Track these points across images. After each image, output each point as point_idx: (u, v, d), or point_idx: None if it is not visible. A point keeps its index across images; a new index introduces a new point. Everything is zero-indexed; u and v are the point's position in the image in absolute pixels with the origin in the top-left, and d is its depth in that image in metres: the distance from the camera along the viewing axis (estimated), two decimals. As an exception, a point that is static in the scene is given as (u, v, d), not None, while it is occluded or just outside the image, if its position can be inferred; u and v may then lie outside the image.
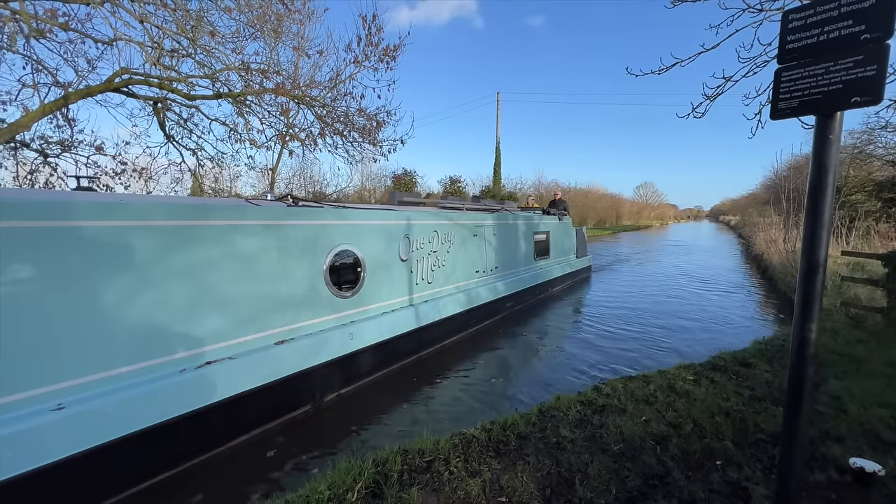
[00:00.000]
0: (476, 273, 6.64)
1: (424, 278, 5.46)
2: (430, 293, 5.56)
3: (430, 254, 5.55)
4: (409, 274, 5.20)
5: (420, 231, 5.40)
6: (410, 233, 5.21)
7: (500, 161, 26.74)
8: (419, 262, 5.36)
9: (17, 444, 2.26)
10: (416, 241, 5.31)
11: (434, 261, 5.64)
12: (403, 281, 5.10)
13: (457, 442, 2.85)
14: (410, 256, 5.20)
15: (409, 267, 5.17)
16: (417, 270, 5.33)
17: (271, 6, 6.67)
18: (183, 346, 3.04)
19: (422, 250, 5.41)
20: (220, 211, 3.33)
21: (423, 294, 5.43)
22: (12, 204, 2.38)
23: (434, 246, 5.64)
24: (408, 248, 5.15)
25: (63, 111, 7.00)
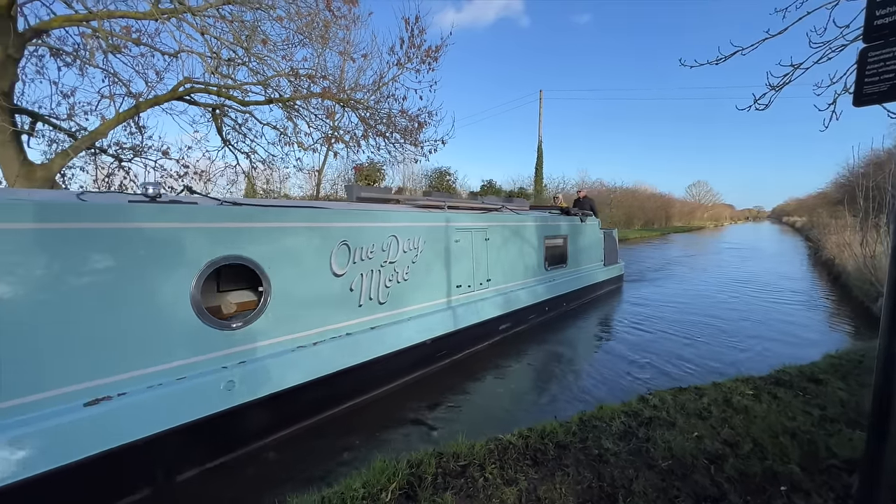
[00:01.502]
0: (457, 289, 5.37)
1: (374, 298, 4.29)
2: (381, 318, 4.34)
3: (383, 266, 4.37)
4: (348, 294, 4.04)
5: (369, 236, 4.24)
6: (352, 239, 4.07)
7: (543, 160, 26.25)
8: (365, 278, 4.19)
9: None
10: (362, 250, 4.16)
11: (390, 274, 4.45)
12: (336, 303, 3.94)
13: (492, 448, 2.79)
14: (350, 270, 4.05)
15: (346, 284, 4.02)
16: (361, 288, 4.16)
17: (319, 14, 6.90)
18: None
19: (370, 261, 4.24)
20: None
21: (369, 319, 4.22)
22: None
23: (391, 255, 4.45)
24: (346, 258, 4.01)
25: (135, 119, 7.64)
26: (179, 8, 5.62)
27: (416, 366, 4.75)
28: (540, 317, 7.15)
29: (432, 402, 4.22)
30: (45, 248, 2.48)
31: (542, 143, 26.00)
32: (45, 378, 2.46)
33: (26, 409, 2.38)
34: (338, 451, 3.35)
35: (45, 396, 2.45)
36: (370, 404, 4.12)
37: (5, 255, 2.36)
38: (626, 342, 6.07)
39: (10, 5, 5.30)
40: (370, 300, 4.27)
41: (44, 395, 2.45)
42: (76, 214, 2.60)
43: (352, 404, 4.05)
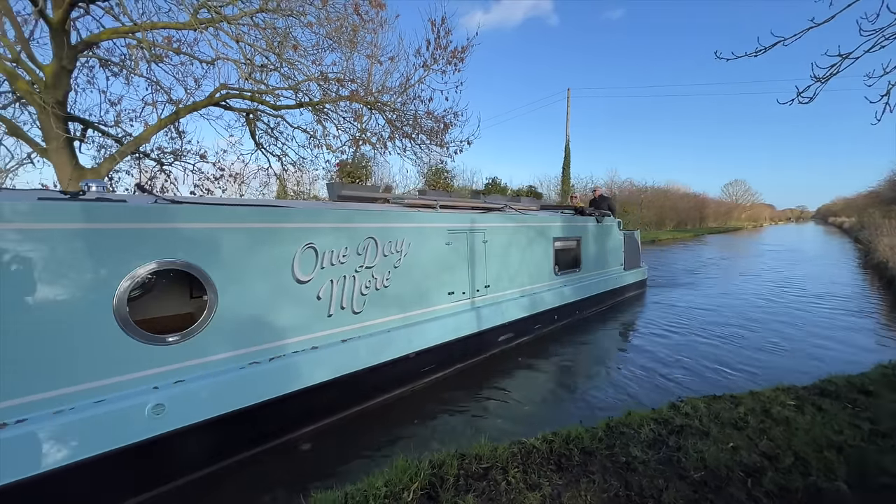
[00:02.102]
0: (449, 296, 4.90)
1: (347, 307, 3.87)
2: (354, 329, 3.93)
3: (358, 271, 3.96)
4: (315, 302, 3.64)
5: (341, 238, 3.84)
6: (320, 241, 3.67)
7: (570, 160, 25.77)
8: (336, 285, 3.78)
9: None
10: (333, 254, 3.76)
11: (366, 281, 4.03)
12: (299, 313, 3.55)
13: (515, 451, 2.76)
14: (318, 276, 3.65)
15: (313, 292, 3.62)
16: (331, 296, 3.76)
17: (347, 18, 7.03)
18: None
19: (342, 266, 3.82)
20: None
21: (340, 331, 3.81)
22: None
23: (368, 259, 4.04)
24: (313, 263, 3.62)
25: (175, 124, 8.03)
26: (216, 17, 5.86)
27: (397, 382, 4.32)
28: (547, 326, 6.59)
29: (410, 428, 3.71)
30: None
31: (570, 142, 25.54)
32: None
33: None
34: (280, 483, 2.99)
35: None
36: (343, 425, 3.74)
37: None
38: (653, 347, 5.86)
39: (63, 20, 5.68)
40: (342, 309, 3.83)
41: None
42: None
43: (318, 426, 3.63)
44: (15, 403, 2.32)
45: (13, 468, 2.23)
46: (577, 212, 8.05)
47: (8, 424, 2.26)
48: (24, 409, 2.34)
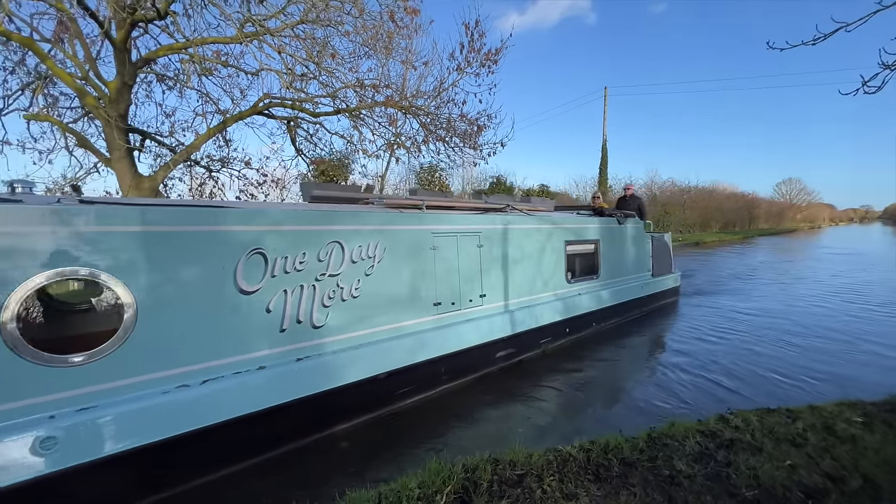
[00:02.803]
0: (435, 307, 4.36)
1: (305, 320, 3.42)
2: (314, 346, 3.46)
3: (320, 280, 3.50)
4: (263, 316, 3.19)
5: (298, 242, 3.40)
6: (271, 246, 3.23)
7: (607, 160, 25.08)
8: (290, 295, 3.33)
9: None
10: (287, 260, 3.31)
11: (330, 291, 3.56)
12: (243, 328, 3.11)
13: (551, 458, 2.69)
14: (267, 286, 3.21)
15: (261, 304, 3.18)
16: (284, 308, 3.30)
17: (383, 26, 7.19)
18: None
19: (298, 274, 3.38)
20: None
21: (295, 348, 3.36)
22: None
23: (332, 266, 3.59)
24: (261, 271, 3.18)
25: (222, 133, 8.50)
26: (260, 30, 6.15)
27: (364, 408, 3.79)
28: (557, 340, 5.90)
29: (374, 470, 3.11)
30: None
31: (607, 142, 24.84)
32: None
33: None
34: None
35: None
36: (298, 457, 3.29)
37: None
38: (695, 355, 5.55)
39: (125, 40, 6.15)
40: (298, 324, 3.37)
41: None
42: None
43: (264, 458, 3.21)
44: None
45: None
46: (595, 213, 7.33)
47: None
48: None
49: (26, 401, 2.36)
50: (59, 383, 2.46)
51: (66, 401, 2.46)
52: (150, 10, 5.96)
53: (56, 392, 2.45)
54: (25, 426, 2.30)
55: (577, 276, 6.45)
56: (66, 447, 2.36)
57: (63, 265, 2.51)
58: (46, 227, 2.47)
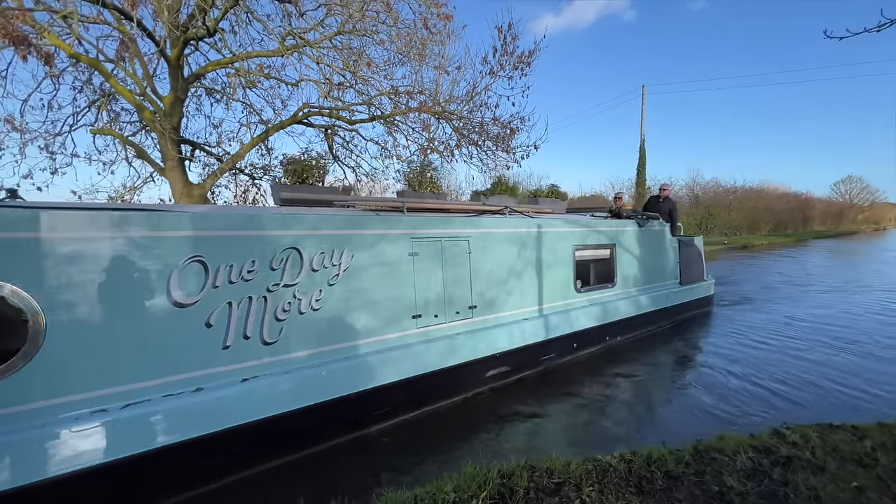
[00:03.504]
0: (415, 320, 3.95)
1: (253, 335, 3.06)
2: (264, 364, 3.10)
3: (272, 291, 3.14)
4: (203, 331, 2.87)
5: (246, 249, 3.04)
6: (212, 253, 2.90)
7: (646, 161, 24.22)
8: (236, 308, 2.98)
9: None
10: (232, 269, 2.97)
11: (285, 303, 3.20)
12: (178, 345, 2.81)
13: (590, 468, 2.61)
14: (207, 298, 2.88)
15: (200, 317, 2.86)
16: (229, 323, 2.96)
17: (416, 33, 7.30)
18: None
19: (246, 284, 3.03)
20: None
21: (241, 367, 3.01)
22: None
23: (288, 275, 3.22)
24: (200, 281, 2.86)
25: (265, 142, 8.90)
26: (300, 43, 6.42)
27: (325, 434, 3.42)
28: (562, 356, 5.35)
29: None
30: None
31: (645, 142, 24.00)
32: None
33: None
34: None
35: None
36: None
37: None
38: (741, 365, 5.22)
39: (178, 57, 6.58)
40: (245, 339, 3.03)
41: None
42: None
43: (195, 494, 2.86)
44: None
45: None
46: (613, 215, 6.70)
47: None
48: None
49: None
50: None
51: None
52: (201, 28, 6.35)
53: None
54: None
55: (588, 285, 5.89)
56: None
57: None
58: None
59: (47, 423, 2.37)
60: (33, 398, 2.38)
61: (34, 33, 5.07)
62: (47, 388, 2.43)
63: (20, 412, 2.33)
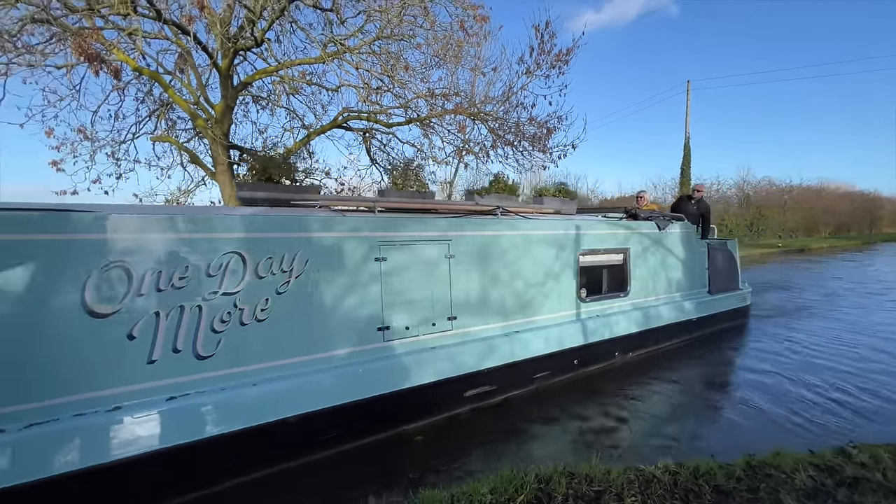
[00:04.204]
0: (380, 332, 3.56)
1: (185, 349, 2.78)
2: (196, 380, 2.81)
3: (208, 299, 2.83)
4: (124, 344, 2.60)
5: (177, 253, 2.77)
6: (136, 258, 2.63)
7: (690, 159, 23.10)
8: (165, 318, 2.70)
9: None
10: (160, 276, 2.70)
11: (223, 313, 2.89)
12: (93, 359, 2.55)
13: (632, 478, 2.53)
14: (130, 307, 2.61)
15: (121, 329, 2.59)
16: (156, 335, 2.69)
17: (453, 35, 7.35)
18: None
19: (177, 292, 2.75)
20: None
21: (170, 383, 2.73)
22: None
23: (228, 282, 2.90)
24: (121, 289, 2.58)
25: (306, 146, 9.25)
26: (341, 49, 6.63)
27: (265, 460, 3.07)
28: (561, 374, 4.78)
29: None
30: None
31: (690, 139, 22.90)
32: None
33: None
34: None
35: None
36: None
37: None
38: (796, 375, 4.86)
39: (228, 67, 6.97)
40: (174, 353, 2.74)
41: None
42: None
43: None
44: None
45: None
46: (629, 216, 6.06)
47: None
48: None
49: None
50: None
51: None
52: (249, 39, 6.70)
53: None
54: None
55: (595, 294, 5.29)
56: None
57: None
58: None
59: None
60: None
61: (104, 50, 5.53)
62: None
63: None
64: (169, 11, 6.07)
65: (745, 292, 7.77)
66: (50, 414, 2.40)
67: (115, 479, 2.53)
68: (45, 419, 2.38)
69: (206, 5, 5.39)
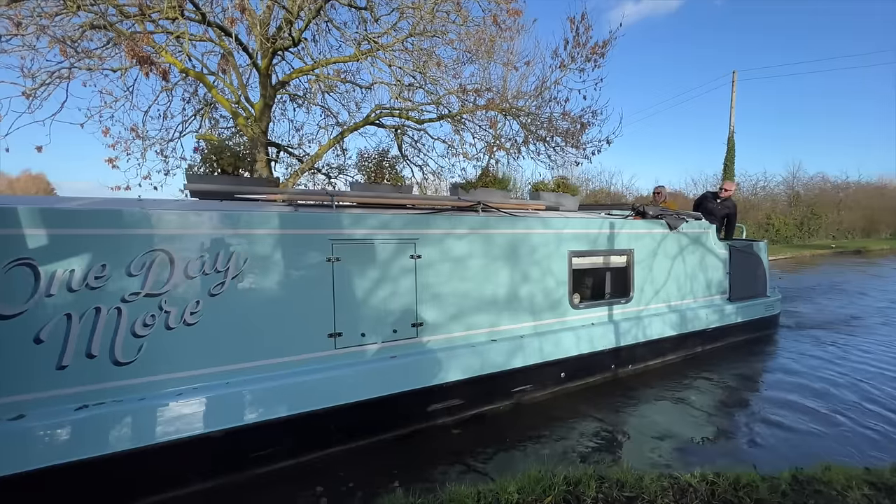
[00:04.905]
0: (332, 339, 3.27)
1: (102, 354, 2.57)
2: (113, 389, 2.60)
3: (129, 301, 2.63)
4: (30, 348, 2.42)
5: (95, 250, 2.55)
6: (43, 254, 2.44)
7: (734, 154, 21.90)
8: (78, 321, 2.50)
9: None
10: (73, 274, 2.49)
11: (146, 316, 2.67)
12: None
13: (666, 485, 2.45)
14: (38, 308, 2.43)
15: (25, 332, 2.41)
16: (65, 338, 2.49)
17: (486, 30, 7.28)
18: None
19: (93, 292, 2.54)
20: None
21: (80, 391, 2.52)
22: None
23: (152, 283, 2.68)
24: (27, 288, 2.41)
25: (340, 143, 9.45)
26: (375, 47, 6.71)
27: (197, 476, 2.82)
28: (544, 387, 4.37)
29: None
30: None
31: (734, 133, 21.69)
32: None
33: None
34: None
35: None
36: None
37: None
38: (846, 385, 4.53)
39: (267, 67, 7.21)
40: (88, 359, 2.53)
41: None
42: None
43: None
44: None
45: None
46: (636, 213, 5.50)
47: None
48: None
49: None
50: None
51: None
52: (287, 39, 6.89)
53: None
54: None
55: (590, 300, 4.96)
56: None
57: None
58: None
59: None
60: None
61: (154, 53, 5.85)
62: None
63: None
64: (213, 14, 6.34)
65: (774, 300, 7.01)
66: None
67: (9, 495, 2.31)
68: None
69: (247, 7, 5.59)
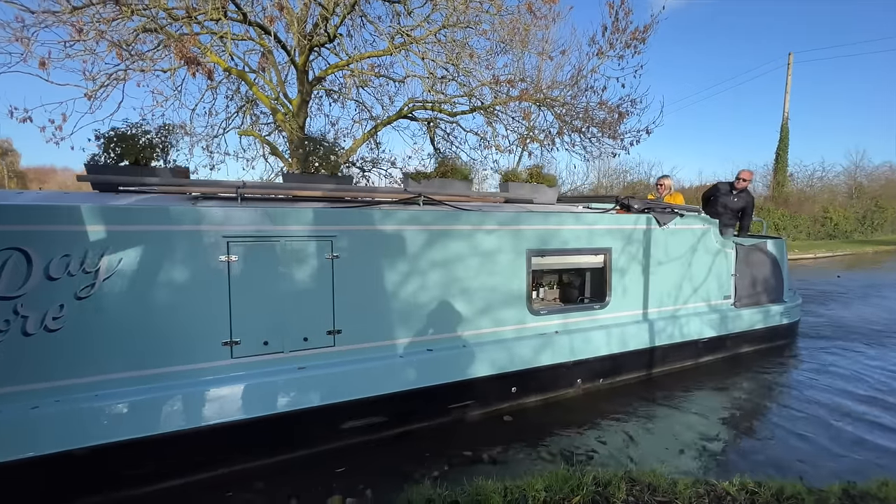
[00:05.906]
0: (228, 347, 2.91)
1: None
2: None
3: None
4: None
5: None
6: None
7: (788, 143, 20.47)
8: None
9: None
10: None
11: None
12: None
13: (702, 492, 2.36)
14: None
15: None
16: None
17: (520, 19, 7.13)
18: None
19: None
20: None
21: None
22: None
23: (5, 284, 2.41)
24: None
25: (374, 137, 9.60)
26: (408, 40, 6.73)
27: (69, 498, 2.56)
28: (489, 404, 3.85)
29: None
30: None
31: (789, 121, 20.23)
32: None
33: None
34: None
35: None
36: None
37: None
38: None
39: (304, 63, 7.40)
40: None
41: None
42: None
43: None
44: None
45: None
46: (620, 207, 4.85)
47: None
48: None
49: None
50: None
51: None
52: (323, 35, 7.04)
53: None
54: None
55: (557, 304, 4.50)
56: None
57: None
58: None
59: None
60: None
61: (200, 53, 6.14)
62: None
63: None
64: (253, 13, 6.56)
65: (792, 305, 5.99)
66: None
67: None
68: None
69: (285, 5, 5.74)
